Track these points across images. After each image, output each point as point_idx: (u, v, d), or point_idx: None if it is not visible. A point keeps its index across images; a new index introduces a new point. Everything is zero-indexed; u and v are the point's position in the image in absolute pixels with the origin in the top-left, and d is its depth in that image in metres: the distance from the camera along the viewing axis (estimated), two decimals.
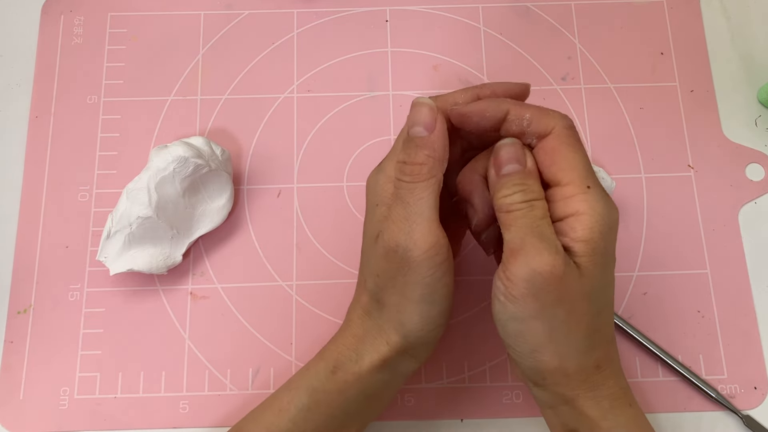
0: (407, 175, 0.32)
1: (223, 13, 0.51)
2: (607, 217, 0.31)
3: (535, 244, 0.30)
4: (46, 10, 0.51)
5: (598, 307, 0.32)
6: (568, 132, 0.32)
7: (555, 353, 0.32)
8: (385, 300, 0.34)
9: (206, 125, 0.48)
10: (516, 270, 0.30)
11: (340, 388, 0.35)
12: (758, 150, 0.48)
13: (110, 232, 0.42)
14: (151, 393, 0.43)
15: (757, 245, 0.46)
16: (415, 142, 0.32)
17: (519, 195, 0.31)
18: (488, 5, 0.51)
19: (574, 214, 0.31)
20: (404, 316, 0.33)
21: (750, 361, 0.43)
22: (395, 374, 0.36)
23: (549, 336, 0.31)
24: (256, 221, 0.46)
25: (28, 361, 0.43)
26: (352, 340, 0.35)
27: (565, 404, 0.33)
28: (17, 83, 0.49)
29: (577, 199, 0.31)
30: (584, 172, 0.31)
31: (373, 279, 0.34)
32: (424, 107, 0.33)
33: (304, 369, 0.37)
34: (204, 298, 0.45)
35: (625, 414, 0.33)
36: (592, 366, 0.32)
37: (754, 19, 0.51)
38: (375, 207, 0.34)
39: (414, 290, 0.33)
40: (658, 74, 0.49)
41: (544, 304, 0.30)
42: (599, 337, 0.33)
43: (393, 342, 0.34)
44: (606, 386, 0.33)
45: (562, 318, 0.31)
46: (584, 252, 0.31)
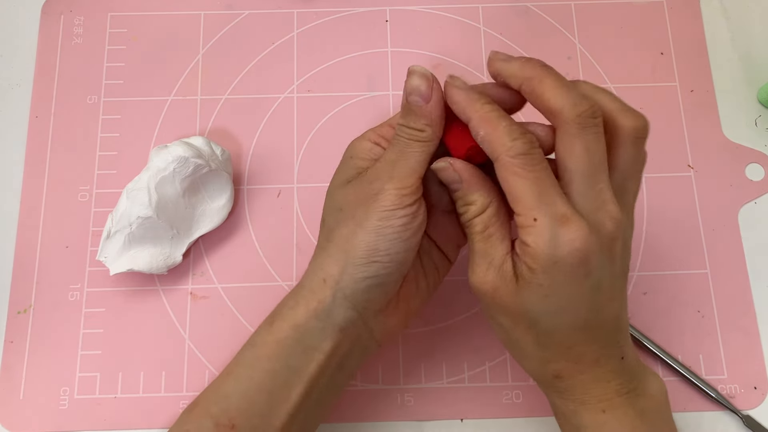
0: (406, 135, 0.34)
1: (223, 13, 0.51)
2: (550, 253, 0.30)
3: (472, 258, 0.33)
4: (46, 10, 0.51)
5: (545, 327, 0.32)
6: (514, 160, 0.30)
7: (517, 356, 0.35)
8: (336, 234, 0.34)
9: (206, 125, 0.48)
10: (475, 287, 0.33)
11: (276, 339, 0.34)
12: (758, 150, 0.48)
13: (110, 232, 0.42)
14: (151, 393, 0.43)
15: (757, 245, 0.46)
16: (414, 110, 0.33)
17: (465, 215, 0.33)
18: (488, 5, 0.51)
19: (523, 244, 0.31)
20: (350, 245, 0.33)
21: (750, 361, 0.43)
22: (331, 323, 0.34)
23: (504, 340, 0.35)
24: (256, 221, 0.46)
25: (28, 361, 0.43)
26: (295, 289, 0.36)
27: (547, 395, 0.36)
28: (17, 83, 0.49)
29: (525, 231, 0.30)
30: (532, 203, 0.30)
31: (334, 214, 0.35)
32: (419, 77, 0.33)
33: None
34: (204, 298, 0.45)
35: (593, 418, 0.33)
36: (551, 375, 0.34)
37: (754, 19, 0.51)
38: (350, 159, 0.36)
39: (371, 218, 0.33)
40: (658, 74, 0.49)
41: (492, 312, 0.33)
42: (554, 352, 0.33)
43: (330, 276, 0.34)
44: (571, 392, 0.33)
45: (509, 327, 0.33)
46: (525, 275, 0.31)
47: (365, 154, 0.35)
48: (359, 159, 0.35)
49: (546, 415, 0.42)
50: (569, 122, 0.30)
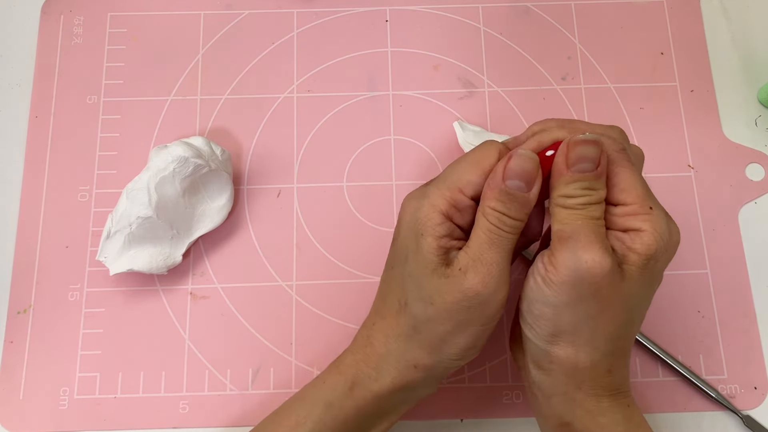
0: (506, 226, 0.32)
1: (223, 13, 0.51)
2: (667, 238, 0.31)
3: (589, 236, 0.30)
4: (46, 10, 0.51)
5: (630, 317, 0.32)
6: (622, 155, 0.32)
7: (573, 344, 0.32)
8: (427, 329, 0.33)
9: (206, 125, 0.48)
10: (562, 256, 0.30)
11: (357, 405, 0.35)
12: (758, 150, 0.48)
13: (110, 232, 0.42)
14: (151, 393, 0.43)
15: (757, 245, 0.46)
16: (518, 198, 0.31)
17: (584, 199, 0.31)
18: (488, 5, 0.51)
19: (636, 230, 0.31)
20: (447, 345, 0.33)
21: (750, 361, 0.43)
22: (413, 395, 0.36)
23: (574, 326, 0.32)
24: (256, 221, 0.46)
25: (28, 361, 0.43)
26: (373, 358, 0.35)
27: (564, 394, 0.33)
28: (17, 83, 0.49)
29: (640, 218, 0.31)
30: (645, 194, 0.32)
31: (423, 306, 0.33)
32: (525, 159, 0.31)
33: (319, 381, 0.36)
34: (204, 298, 0.45)
35: (622, 413, 0.33)
36: (605, 368, 0.33)
37: (754, 19, 0.51)
38: (420, 236, 0.33)
39: (475, 325, 0.33)
40: (658, 74, 0.49)
41: (579, 295, 0.31)
42: (621, 345, 0.33)
43: (422, 365, 0.34)
44: (610, 388, 0.33)
45: (592, 314, 0.31)
46: (636, 263, 0.31)
47: (438, 231, 0.33)
48: (433, 238, 0.33)
49: None
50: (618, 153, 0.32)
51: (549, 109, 0.48)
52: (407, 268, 0.34)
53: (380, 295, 0.37)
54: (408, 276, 0.34)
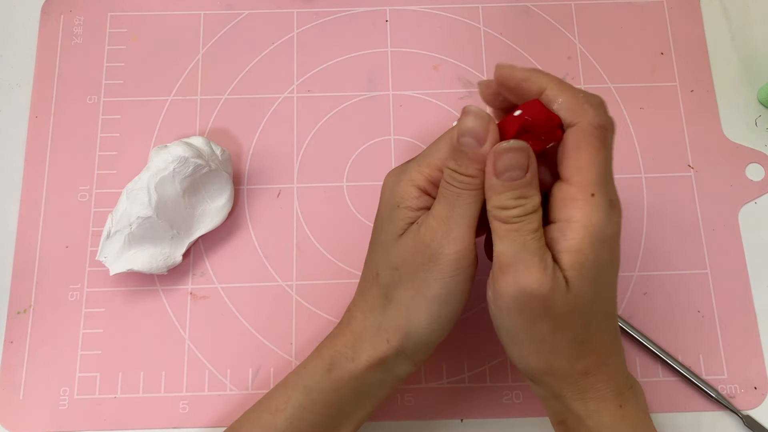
0: (457, 181, 0.32)
1: (223, 13, 0.51)
2: (601, 230, 0.30)
3: (526, 260, 0.30)
4: (46, 10, 0.51)
5: (586, 319, 0.32)
6: (594, 131, 0.31)
7: (542, 360, 0.33)
8: (395, 295, 0.34)
9: (206, 125, 0.48)
10: (504, 286, 0.31)
11: (335, 387, 0.35)
12: (758, 150, 0.48)
13: (110, 232, 0.42)
14: (151, 393, 0.43)
15: (757, 245, 0.46)
16: (467, 153, 0.31)
17: (518, 210, 0.31)
18: (488, 5, 0.51)
19: (567, 221, 0.30)
20: (412, 313, 0.33)
21: (750, 361, 0.43)
22: (390, 375, 0.35)
23: (535, 347, 0.32)
24: (256, 221, 0.46)
25: (28, 361, 0.43)
26: (350, 337, 0.35)
27: (555, 399, 0.34)
28: (17, 83, 0.49)
29: (575, 205, 0.30)
30: (594, 177, 0.30)
31: (390, 272, 0.34)
32: (474, 117, 0.31)
33: (300, 367, 0.37)
34: (204, 298, 0.45)
35: (611, 414, 0.33)
36: (580, 372, 0.33)
37: (754, 19, 0.51)
38: (396, 207, 0.34)
39: (432, 287, 0.33)
40: (658, 74, 0.49)
41: (528, 319, 0.31)
42: (587, 347, 0.32)
43: (393, 340, 0.34)
44: (594, 389, 0.33)
45: (546, 331, 0.31)
46: (571, 265, 0.30)
47: (413, 203, 0.33)
48: (407, 209, 0.33)
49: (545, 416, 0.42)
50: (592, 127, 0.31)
51: None
52: (380, 238, 0.35)
53: (362, 275, 0.37)
54: (379, 246, 0.35)
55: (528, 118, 0.31)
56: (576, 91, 0.32)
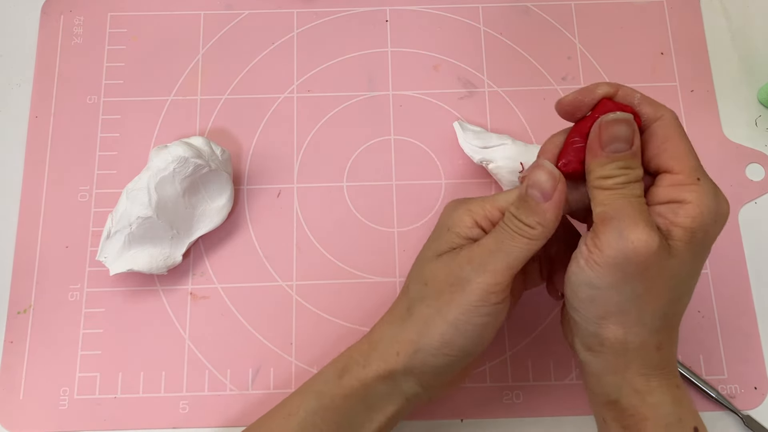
0: (514, 225, 0.32)
1: (223, 13, 0.51)
2: (714, 212, 0.31)
3: (633, 215, 0.30)
4: (46, 10, 0.51)
5: (678, 293, 0.32)
6: (678, 122, 0.32)
7: (621, 324, 0.32)
8: (416, 310, 0.34)
9: (206, 125, 0.48)
10: (607, 237, 0.30)
11: (345, 393, 0.35)
12: (758, 150, 0.48)
13: (110, 232, 0.42)
14: (151, 393, 0.43)
15: (757, 245, 0.46)
16: (530, 205, 0.32)
17: (622, 178, 0.31)
18: (488, 5, 0.51)
19: (681, 202, 0.31)
20: (427, 330, 0.33)
21: (750, 361, 0.43)
22: (397, 391, 0.35)
23: (621, 307, 0.31)
24: (256, 221, 0.46)
25: (28, 361, 0.43)
26: (366, 346, 0.35)
27: (614, 374, 0.33)
28: (17, 83, 0.49)
29: (686, 189, 0.31)
30: (695, 164, 0.31)
31: (419, 287, 0.34)
32: (546, 173, 0.32)
33: (317, 374, 0.37)
34: (204, 298, 0.45)
35: (671, 393, 0.33)
36: (654, 345, 0.32)
37: (754, 19, 0.51)
38: (446, 230, 0.34)
39: (452, 310, 0.32)
40: (658, 74, 0.49)
41: (625, 276, 0.30)
42: (669, 321, 0.33)
43: (402, 354, 0.34)
44: (659, 366, 0.33)
45: (639, 293, 0.31)
46: (681, 237, 0.31)
47: (464, 231, 0.34)
48: (456, 235, 0.34)
49: (545, 416, 0.42)
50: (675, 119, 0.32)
51: (549, 109, 0.48)
52: (421, 255, 0.35)
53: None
54: (418, 262, 0.35)
55: (598, 115, 0.32)
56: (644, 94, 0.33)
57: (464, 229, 0.34)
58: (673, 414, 0.33)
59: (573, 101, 0.33)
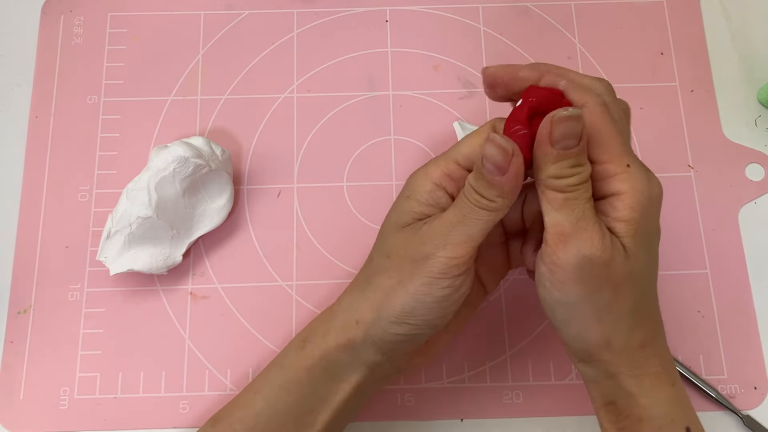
0: (473, 198, 0.32)
1: (223, 13, 0.51)
2: (648, 194, 0.31)
3: (587, 228, 0.30)
4: (46, 10, 0.51)
5: (642, 286, 0.32)
6: (603, 108, 0.31)
7: (601, 334, 0.32)
8: (377, 280, 0.34)
9: (206, 125, 0.48)
10: (565, 256, 0.30)
11: (307, 365, 0.35)
12: (758, 150, 0.48)
13: (110, 232, 0.42)
14: (151, 393, 0.43)
15: (757, 245, 0.46)
16: (487, 178, 0.32)
17: (576, 178, 0.31)
18: (488, 5, 0.51)
19: (616, 194, 0.31)
20: (388, 299, 0.33)
21: (750, 361, 0.43)
22: (359, 360, 0.34)
23: (596, 318, 0.31)
24: (256, 221, 0.46)
25: (28, 361, 0.43)
26: (327, 314, 0.36)
27: (608, 379, 0.33)
28: (17, 83, 0.49)
29: (618, 179, 0.31)
30: (622, 150, 0.31)
31: (381, 259, 0.34)
32: (497, 148, 0.31)
33: (283, 348, 0.37)
34: (204, 298, 0.45)
35: (665, 392, 0.33)
36: (637, 345, 0.32)
37: (754, 19, 0.51)
38: (406, 198, 0.34)
39: (414, 281, 0.32)
40: (658, 74, 0.49)
41: (591, 288, 0.31)
42: (644, 317, 0.33)
43: (362, 322, 0.33)
44: (649, 365, 0.33)
45: (608, 300, 0.31)
46: (627, 232, 0.30)
47: (424, 197, 0.33)
48: (416, 202, 0.33)
49: (545, 416, 0.42)
50: (603, 94, 0.32)
51: None
52: (383, 226, 0.35)
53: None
54: (381, 233, 0.35)
55: (532, 99, 0.32)
56: (577, 74, 0.33)
57: (424, 195, 0.33)
58: (667, 415, 0.33)
59: (492, 75, 0.33)
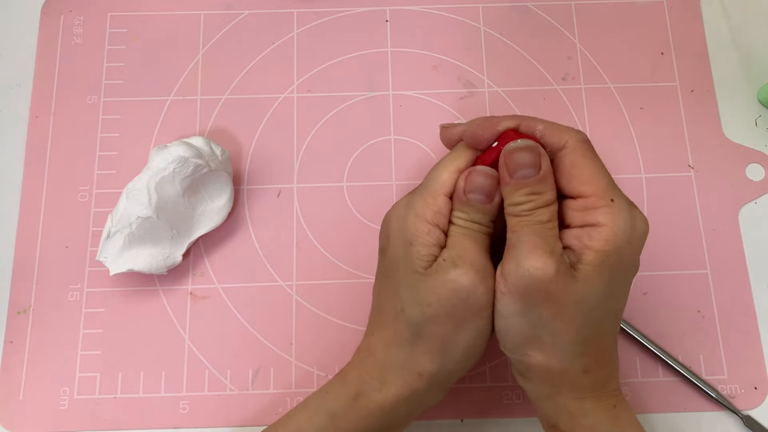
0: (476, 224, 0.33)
1: (223, 13, 0.51)
2: (629, 232, 0.31)
3: (532, 242, 0.31)
4: (46, 10, 0.51)
5: (593, 316, 0.32)
6: (584, 145, 0.32)
7: (540, 350, 0.32)
8: (427, 331, 0.33)
9: (206, 125, 0.48)
10: (508, 267, 0.31)
11: (360, 416, 0.34)
12: (758, 150, 0.48)
13: (110, 232, 0.42)
14: (151, 393, 0.43)
15: (757, 245, 0.46)
16: (477, 208, 0.33)
17: (530, 204, 0.31)
18: (488, 5, 0.51)
19: (594, 225, 0.31)
20: (450, 346, 0.33)
21: (750, 361, 0.43)
22: (420, 406, 0.35)
23: (534, 334, 0.32)
24: (256, 221, 0.46)
25: (28, 361, 0.43)
26: (376, 368, 0.35)
27: (548, 399, 0.34)
28: (17, 83, 0.49)
29: (599, 212, 0.31)
30: (606, 185, 0.32)
31: (421, 308, 0.33)
32: (484, 176, 0.32)
33: (323, 391, 0.36)
34: (204, 298, 0.45)
35: (605, 414, 0.33)
36: (579, 370, 0.32)
37: (754, 19, 0.51)
38: (410, 246, 0.33)
39: (470, 318, 0.32)
40: (658, 74, 0.49)
41: (528, 303, 0.31)
42: (592, 345, 0.32)
43: (427, 372, 0.34)
44: (591, 389, 0.33)
45: (546, 319, 0.31)
46: (591, 261, 0.31)
47: (426, 239, 0.33)
48: (422, 246, 0.33)
49: None
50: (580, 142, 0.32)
51: (549, 109, 0.48)
52: (400, 275, 0.34)
53: (375, 306, 0.37)
54: (401, 282, 0.34)
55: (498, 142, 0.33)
56: (549, 121, 0.33)
57: (425, 237, 0.33)
58: None
59: (474, 135, 0.33)
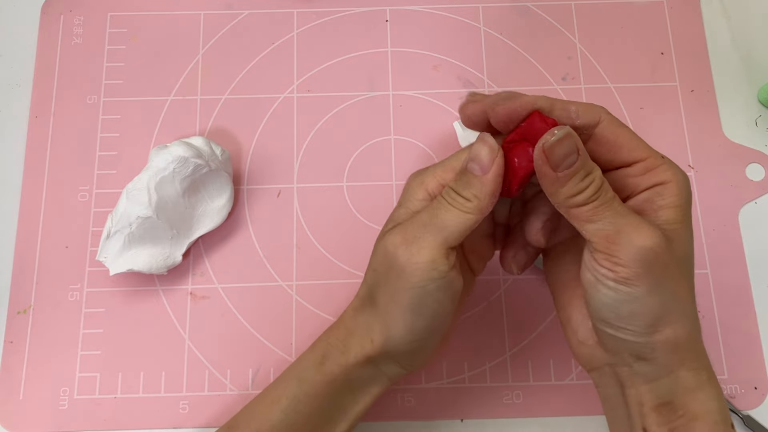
0: (450, 197, 0.32)
1: (223, 13, 0.51)
2: (687, 182, 0.32)
3: (629, 221, 0.30)
4: (46, 10, 0.51)
5: (689, 271, 0.32)
6: (614, 117, 0.33)
7: (670, 323, 0.31)
8: (377, 297, 0.34)
9: (206, 125, 0.48)
10: (623, 253, 0.30)
11: (327, 380, 0.35)
12: (758, 150, 0.48)
13: (110, 232, 0.42)
14: (151, 393, 0.43)
15: (757, 245, 0.46)
16: (468, 177, 0.32)
17: (591, 188, 0.30)
18: (488, 5, 0.51)
19: (662, 183, 0.31)
20: (390, 320, 0.33)
21: (750, 361, 0.43)
22: (380, 373, 0.36)
23: (663, 308, 0.31)
24: (256, 221, 0.46)
25: (28, 361, 0.43)
26: (343, 332, 0.36)
27: (668, 375, 0.32)
28: (17, 83, 0.49)
29: (660, 170, 0.31)
30: (650, 147, 0.32)
31: (371, 273, 0.34)
32: (485, 147, 0.32)
33: (296, 361, 0.37)
34: (204, 298, 0.45)
35: (716, 388, 0.32)
36: (697, 336, 0.32)
37: (754, 19, 0.51)
38: (398, 207, 0.34)
39: (402, 296, 0.32)
40: (658, 74, 0.49)
41: (656, 278, 0.30)
42: (694, 303, 0.32)
43: (376, 342, 0.34)
44: (703, 356, 0.32)
45: (671, 288, 0.31)
46: (676, 218, 0.31)
47: (414, 205, 0.33)
48: (405, 210, 0.33)
49: (545, 416, 0.42)
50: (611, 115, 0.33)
51: None
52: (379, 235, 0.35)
53: None
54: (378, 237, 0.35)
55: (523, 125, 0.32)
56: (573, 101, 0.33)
57: (414, 202, 0.33)
58: (720, 411, 0.32)
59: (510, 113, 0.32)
